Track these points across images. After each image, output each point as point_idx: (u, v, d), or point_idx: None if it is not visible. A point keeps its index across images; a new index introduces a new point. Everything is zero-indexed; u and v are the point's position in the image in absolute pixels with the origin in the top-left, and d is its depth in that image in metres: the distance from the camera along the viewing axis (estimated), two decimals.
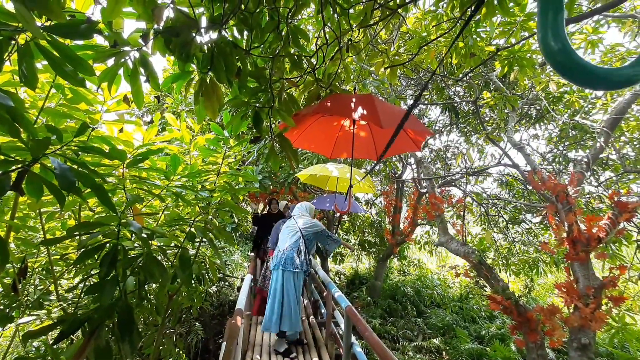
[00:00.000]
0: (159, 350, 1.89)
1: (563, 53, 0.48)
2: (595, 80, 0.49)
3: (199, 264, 1.99)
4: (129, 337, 0.88)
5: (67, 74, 0.86)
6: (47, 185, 0.87)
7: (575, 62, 0.48)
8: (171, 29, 1.16)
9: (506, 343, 6.24)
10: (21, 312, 1.69)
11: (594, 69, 0.49)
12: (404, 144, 2.42)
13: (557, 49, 0.48)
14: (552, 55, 0.49)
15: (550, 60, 0.50)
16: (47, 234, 1.67)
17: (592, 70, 0.48)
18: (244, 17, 1.40)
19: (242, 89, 1.43)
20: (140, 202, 1.36)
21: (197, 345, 4.79)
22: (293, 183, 5.40)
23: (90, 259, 1.12)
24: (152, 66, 1.18)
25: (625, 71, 0.48)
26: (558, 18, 0.48)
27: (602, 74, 0.49)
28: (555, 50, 0.48)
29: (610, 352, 5.37)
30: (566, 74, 0.51)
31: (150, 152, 1.32)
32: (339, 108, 1.74)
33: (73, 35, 0.85)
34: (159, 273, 1.17)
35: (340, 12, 1.73)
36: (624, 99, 3.59)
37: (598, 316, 2.72)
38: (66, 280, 2.13)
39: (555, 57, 0.48)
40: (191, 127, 2.24)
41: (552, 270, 6.43)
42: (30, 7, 0.76)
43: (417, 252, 10.95)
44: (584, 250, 3.09)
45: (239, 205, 2.93)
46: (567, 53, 0.47)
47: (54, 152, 0.91)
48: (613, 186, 4.71)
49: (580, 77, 0.50)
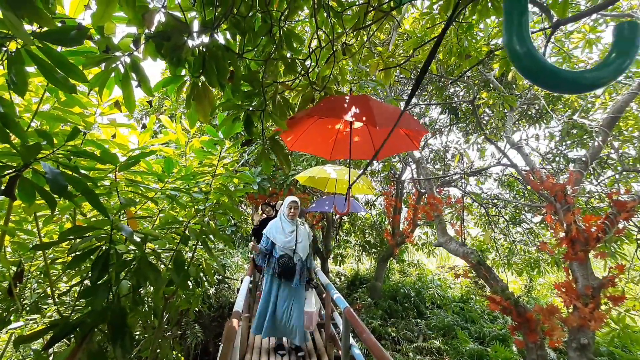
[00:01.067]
0: (156, 353, 1.89)
1: (528, 57, 0.48)
2: (563, 83, 0.50)
3: (196, 267, 1.99)
4: (121, 340, 0.89)
5: (58, 80, 0.87)
6: (39, 190, 0.88)
7: (541, 66, 0.49)
8: (162, 33, 1.17)
9: (507, 344, 6.22)
10: (18, 317, 1.70)
11: (560, 73, 0.49)
12: (401, 143, 2.42)
13: (522, 52, 0.48)
14: (518, 60, 0.49)
15: (517, 65, 0.50)
16: (44, 238, 1.68)
17: (558, 73, 0.48)
18: (237, 21, 1.41)
19: (235, 93, 1.44)
20: (134, 206, 1.37)
21: (197, 347, 4.79)
22: (292, 185, 5.40)
23: (83, 263, 1.13)
24: (143, 71, 1.19)
25: (592, 74, 0.49)
26: (522, 21, 0.48)
27: (569, 77, 0.49)
28: (520, 55, 0.48)
29: (611, 352, 5.35)
30: (533, 77, 0.51)
31: (143, 154, 1.32)
32: (334, 110, 1.74)
33: (64, 42, 0.86)
34: (153, 276, 1.18)
35: (334, 15, 1.74)
36: (622, 98, 3.59)
37: (597, 316, 2.71)
38: (64, 284, 2.14)
39: (522, 61, 0.49)
40: (187, 130, 2.25)
41: (554, 270, 6.41)
42: (19, 14, 0.77)
43: (416, 253, 10.94)
44: (583, 250, 3.08)
45: (236, 207, 2.93)
46: (532, 57, 0.48)
47: (45, 157, 0.92)
48: (615, 186, 4.69)
49: (547, 81, 0.50)
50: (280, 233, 3.18)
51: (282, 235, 3.17)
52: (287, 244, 3.14)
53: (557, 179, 4.11)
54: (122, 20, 1.09)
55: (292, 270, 3.10)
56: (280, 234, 3.18)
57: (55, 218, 1.81)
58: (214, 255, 1.79)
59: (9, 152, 1.01)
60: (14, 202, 1.45)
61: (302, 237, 3.23)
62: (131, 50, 1.13)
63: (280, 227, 3.21)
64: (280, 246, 3.14)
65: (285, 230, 3.20)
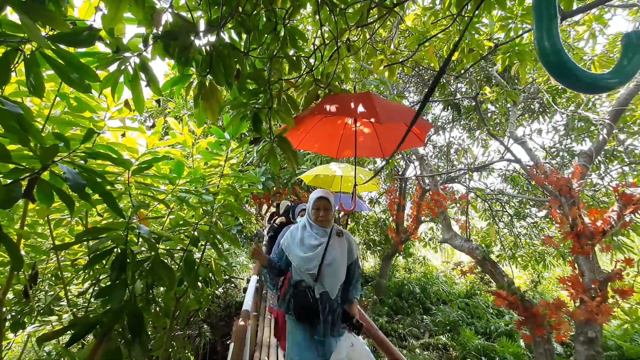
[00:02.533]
0: (168, 352, 1.92)
1: (556, 54, 0.50)
2: (582, 84, 0.52)
3: (205, 267, 2.01)
4: (139, 339, 0.90)
5: (73, 81, 0.88)
6: (57, 192, 0.89)
7: (566, 65, 0.51)
8: (170, 33, 1.18)
9: (514, 339, 6.21)
10: (32, 318, 1.73)
11: (582, 74, 0.52)
12: (407, 140, 2.43)
13: (550, 50, 0.50)
14: (545, 56, 0.51)
15: (544, 60, 0.52)
16: (55, 240, 1.71)
17: (580, 75, 0.51)
18: (242, 20, 1.41)
19: (242, 91, 1.45)
20: (146, 208, 1.38)
21: (205, 347, 4.83)
22: (296, 184, 5.42)
23: (98, 263, 1.15)
24: (152, 71, 1.20)
25: (606, 78, 0.52)
26: (552, 20, 0.50)
27: (588, 79, 0.52)
28: (549, 52, 0.50)
29: (619, 346, 5.33)
30: (557, 74, 0.53)
31: (155, 159, 1.34)
32: (338, 108, 1.75)
33: (76, 43, 0.88)
34: (167, 276, 1.19)
35: (337, 12, 1.75)
36: (626, 91, 3.57)
37: (604, 309, 2.71)
38: (75, 286, 2.16)
39: (549, 58, 0.51)
40: (193, 131, 2.26)
41: (559, 263, 6.40)
42: (35, 18, 0.78)
43: (421, 249, 10.94)
44: (589, 243, 3.08)
45: (242, 207, 2.94)
46: (559, 55, 0.50)
47: (61, 159, 0.93)
48: (624, 179, 4.67)
49: (570, 80, 0.52)
50: (298, 246, 2.00)
51: (299, 249, 1.98)
52: (305, 264, 1.92)
53: (562, 174, 4.10)
54: (131, 22, 1.10)
55: (312, 311, 1.88)
56: (298, 247, 2.00)
57: (65, 221, 1.83)
58: (223, 255, 1.81)
59: (24, 155, 1.02)
60: (28, 205, 1.47)
61: (335, 257, 1.95)
62: (140, 51, 1.14)
63: (299, 237, 2.04)
64: (297, 267, 1.96)
65: (307, 243, 1.99)
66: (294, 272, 1.98)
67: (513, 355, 5.48)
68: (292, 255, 1.99)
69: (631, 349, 5.16)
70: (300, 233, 2.06)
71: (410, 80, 6.97)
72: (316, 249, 1.96)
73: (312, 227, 2.05)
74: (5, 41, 0.80)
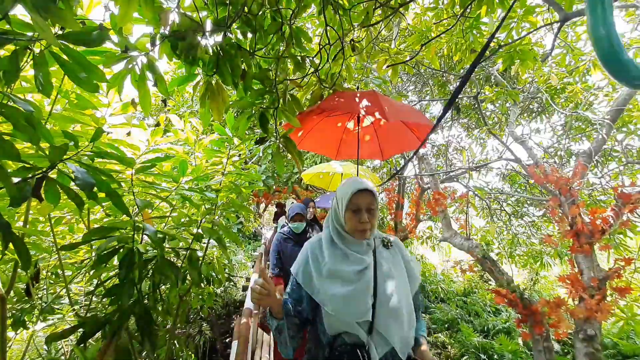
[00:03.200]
0: (171, 350, 1.92)
1: (607, 40, 0.49)
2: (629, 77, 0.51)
3: (207, 265, 2.01)
4: (149, 337, 0.91)
5: (81, 80, 0.88)
6: (65, 191, 0.89)
7: (620, 57, 0.50)
8: (177, 33, 1.18)
9: (512, 336, 6.27)
10: (34, 317, 1.72)
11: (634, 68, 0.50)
12: (409, 141, 2.44)
13: (604, 35, 0.49)
14: (600, 46, 0.50)
15: (599, 53, 0.51)
16: (56, 238, 1.70)
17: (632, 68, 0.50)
18: (247, 19, 1.41)
19: (247, 91, 1.45)
20: (151, 208, 1.38)
21: (205, 345, 4.83)
22: (296, 182, 5.42)
23: (104, 262, 1.15)
24: (159, 70, 1.20)
25: None
26: (607, 8, 0.50)
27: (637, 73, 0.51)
28: (604, 41, 0.49)
29: (615, 343, 5.40)
30: (610, 66, 0.52)
31: (159, 159, 1.33)
32: (345, 104, 1.76)
33: (86, 42, 0.87)
34: (173, 274, 1.19)
35: (342, 13, 1.75)
36: (626, 91, 3.59)
37: (604, 307, 2.74)
38: (75, 285, 2.16)
39: (603, 47, 0.50)
40: (196, 129, 2.26)
41: (556, 262, 6.46)
42: (46, 16, 0.77)
43: (419, 248, 10.98)
44: (588, 242, 3.10)
45: (243, 204, 2.93)
46: (612, 43, 0.49)
47: (70, 157, 0.93)
48: (619, 178, 4.71)
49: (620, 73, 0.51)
50: (328, 277, 1.17)
51: (331, 282, 1.15)
52: (349, 308, 1.11)
53: (561, 173, 4.13)
54: (141, 21, 1.09)
55: None
56: (328, 278, 1.16)
57: (64, 219, 1.83)
58: (227, 253, 1.81)
59: (31, 153, 1.02)
60: (31, 203, 1.47)
61: (394, 284, 1.17)
62: (147, 50, 1.14)
63: (326, 261, 1.20)
64: (334, 313, 1.11)
65: (342, 270, 1.16)
66: (327, 322, 1.13)
67: (511, 353, 5.54)
68: (322, 295, 1.13)
69: (627, 346, 5.23)
70: (326, 255, 1.18)
71: (409, 79, 6.98)
72: (362, 277, 1.12)
73: (344, 241, 1.20)
74: (15, 39, 0.80)
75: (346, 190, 1.19)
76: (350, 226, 1.19)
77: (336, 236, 1.23)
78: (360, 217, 1.16)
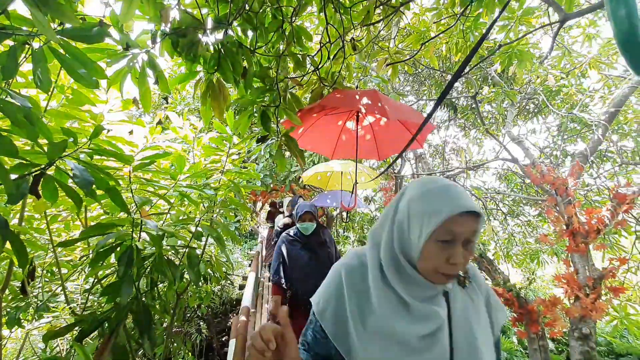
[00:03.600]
0: (169, 348, 1.91)
1: (627, 20, 0.47)
2: None
3: (205, 263, 2.01)
4: (147, 333, 0.90)
5: (81, 76, 0.87)
6: (64, 188, 0.88)
7: (638, 38, 0.48)
8: (178, 30, 1.17)
9: (507, 335, 6.32)
10: (30, 315, 1.71)
11: None
12: (407, 142, 2.44)
13: (624, 15, 0.47)
14: (620, 24, 0.48)
15: (616, 29, 0.49)
16: (52, 236, 1.68)
17: None
18: (249, 17, 1.40)
19: (248, 89, 1.44)
20: (149, 205, 1.37)
21: (202, 343, 4.82)
22: (294, 181, 5.42)
23: (102, 260, 1.14)
24: (160, 67, 1.19)
25: None
26: None
27: None
28: (622, 17, 0.47)
29: (609, 342, 5.47)
30: (625, 45, 0.50)
31: (157, 155, 1.32)
32: (346, 101, 1.76)
33: (86, 39, 0.86)
34: (171, 272, 1.19)
35: (343, 11, 1.74)
36: (621, 92, 3.63)
37: (599, 306, 2.77)
38: (71, 282, 2.14)
39: (623, 25, 0.48)
40: (195, 126, 2.25)
41: (552, 261, 6.52)
42: (45, 11, 0.76)
43: None
44: (584, 242, 3.14)
45: (242, 202, 2.92)
46: (630, 19, 0.47)
47: (68, 155, 0.92)
48: (614, 178, 4.77)
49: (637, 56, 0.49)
50: (381, 337, 0.70)
51: (382, 345, 0.69)
52: None
53: (557, 173, 4.16)
54: (141, 18, 1.08)
55: None
56: (381, 340, 0.69)
57: (60, 217, 1.81)
58: (226, 251, 1.80)
59: (29, 150, 1.01)
60: (27, 200, 1.45)
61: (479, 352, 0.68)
62: (148, 47, 1.13)
63: (373, 308, 0.72)
64: None
65: (403, 332, 0.69)
66: None
67: (506, 351, 5.59)
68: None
69: (620, 345, 5.30)
70: (374, 297, 0.74)
71: (407, 79, 6.99)
72: (432, 344, 0.70)
73: (407, 281, 0.73)
74: (14, 34, 0.79)
75: (437, 206, 0.68)
76: (430, 265, 0.69)
77: (394, 271, 0.73)
78: (452, 254, 0.68)
